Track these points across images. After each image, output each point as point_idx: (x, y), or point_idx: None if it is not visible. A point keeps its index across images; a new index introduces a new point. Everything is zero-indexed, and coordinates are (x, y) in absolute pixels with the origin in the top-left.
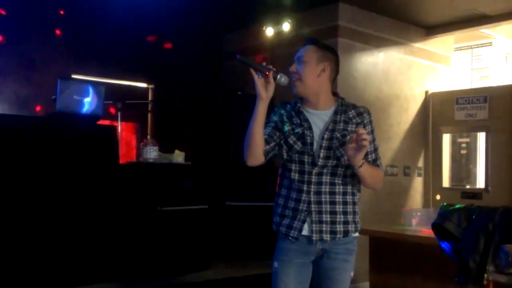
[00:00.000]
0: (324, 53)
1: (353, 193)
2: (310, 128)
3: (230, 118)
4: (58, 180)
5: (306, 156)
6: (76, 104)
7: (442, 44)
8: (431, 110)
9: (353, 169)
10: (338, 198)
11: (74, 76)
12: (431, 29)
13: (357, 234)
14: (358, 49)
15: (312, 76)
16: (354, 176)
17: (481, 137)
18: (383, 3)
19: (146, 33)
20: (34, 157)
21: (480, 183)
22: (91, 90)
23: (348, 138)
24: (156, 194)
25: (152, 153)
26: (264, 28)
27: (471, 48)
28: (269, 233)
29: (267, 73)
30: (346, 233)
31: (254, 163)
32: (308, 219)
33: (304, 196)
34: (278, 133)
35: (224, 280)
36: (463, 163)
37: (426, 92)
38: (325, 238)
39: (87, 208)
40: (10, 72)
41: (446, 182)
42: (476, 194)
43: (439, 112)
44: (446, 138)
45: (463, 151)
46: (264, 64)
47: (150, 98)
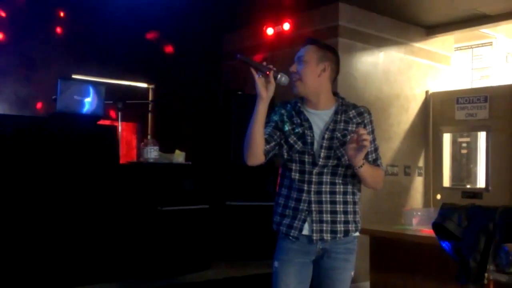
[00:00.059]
0: (324, 53)
1: (354, 193)
2: (310, 128)
3: (230, 118)
4: (59, 180)
5: (306, 156)
6: (76, 104)
7: (443, 44)
8: (431, 110)
9: (354, 169)
10: (339, 197)
11: (74, 76)
12: (432, 29)
13: (357, 233)
14: (358, 49)
15: (312, 76)
16: (355, 175)
17: (482, 136)
18: (383, 3)
19: (146, 33)
20: (35, 157)
21: (481, 182)
22: (91, 90)
23: (349, 138)
24: (156, 194)
25: (153, 153)
26: (264, 28)
27: (472, 47)
28: (270, 232)
29: (268, 72)
30: (346, 232)
31: (254, 163)
32: (308, 219)
33: (304, 195)
34: (278, 133)
35: (224, 280)
36: (463, 163)
37: (427, 92)
38: (325, 237)
39: (87, 208)
40: (10, 72)
41: (447, 181)
42: (476, 193)
43: (440, 111)
44: (447, 138)
45: (464, 151)
46: (265, 63)
47: (150, 98)
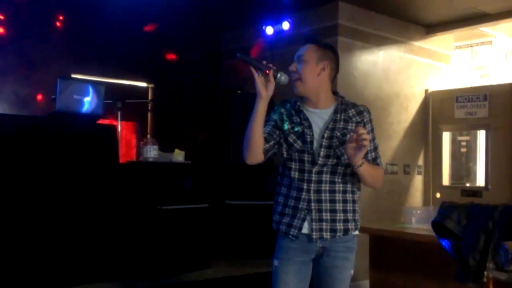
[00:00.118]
0: (324, 52)
1: (353, 191)
2: (310, 127)
3: (230, 117)
4: (58, 179)
5: (306, 155)
6: (76, 104)
7: (442, 42)
8: (431, 109)
9: (353, 168)
10: (338, 196)
11: (73, 76)
12: (431, 28)
13: (357, 232)
14: (358, 48)
15: (312, 75)
16: (354, 174)
17: (481, 135)
18: (383, 2)
19: (146, 33)
20: (34, 157)
21: (480, 181)
22: (91, 89)
23: (348, 137)
24: (156, 193)
25: (152, 152)
26: (264, 27)
27: (471, 46)
28: (269, 231)
29: (267, 71)
30: (346, 231)
31: (254, 162)
32: (308, 218)
33: (304, 194)
34: (278, 132)
35: (224, 279)
36: (463, 161)
37: (426, 91)
38: (325, 236)
39: (87, 207)
40: (10, 71)
41: (446, 180)
42: (476, 192)
43: (439, 110)
44: (446, 136)
45: (463, 149)
46: (264, 62)
47: (150, 97)
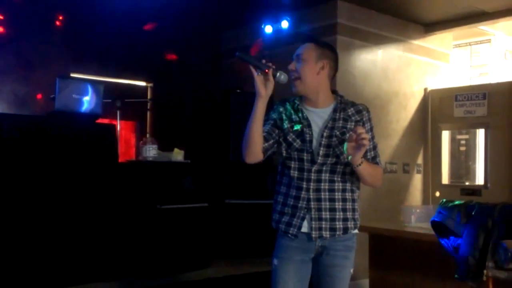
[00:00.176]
0: (323, 51)
1: (353, 190)
2: (309, 126)
3: (229, 116)
4: (58, 179)
5: (305, 154)
6: (75, 103)
7: (441, 41)
8: (430, 107)
9: (353, 167)
10: (337, 195)
11: (72, 75)
12: (430, 26)
13: (356, 231)
14: (357, 47)
15: (311, 74)
16: (353, 173)
17: (480, 133)
18: (382, 1)
19: (145, 32)
20: (33, 156)
21: (480, 179)
22: (90, 88)
23: (347, 136)
24: (155, 192)
25: (152, 151)
26: (263, 26)
27: (470, 45)
28: (269, 230)
29: (267, 70)
30: (345, 230)
31: (253, 161)
32: (307, 216)
33: (303, 193)
34: (277, 131)
35: (224, 278)
36: (462, 160)
37: (425, 89)
38: (324, 235)
39: (86, 206)
40: (9, 71)
41: (446, 179)
42: (475, 190)
43: (438, 109)
44: (445, 135)
45: (462, 148)
46: (264, 61)
47: (149, 96)
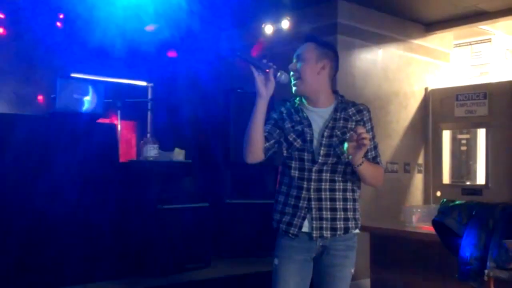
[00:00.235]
0: (323, 50)
1: (353, 190)
2: (310, 126)
3: (230, 116)
4: (58, 178)
5: (306, 154)
6: (75, 103)
7: (442, 40)
8: (430, 107)
9: (353, 167)
10: (338, 195)
11: (73, 75)
12: (430, 26)
13: (357, 230)
14: (357, 46)
15: (311, 74)
16: (354, 173)
17: (481, 133)
18: (382, 0)
19: (146, 32)
20: (34, 156)
21: (480, 179)
22: (90, 88)
23: (348, 135)
24: (156, 192)
25: (152, 151)
26: (263, 26)
27: (471, 44)
28: (270, 230)
29: (267, 70)
30: (346, 229)
31: (254, 161)
32: (308, 216)
33: (304, 193)
34: (278, 131)
35: (224, 278)
36: (463, 160)
37: (426, 89)
38: (325, 234)
39: (87, 206)
40: (10, 70)
41: (447, 178)
42: (476, 190)
43: (439, 108)
44: (446, 135)
45: (463, 148)
46: (264, 61)
47: (149, 96)
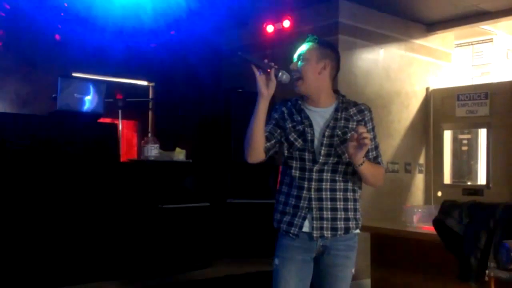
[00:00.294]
0: (324, 50)
1: (354, 190)
2: (311, 126)
3: (231, 116)
4: (59, 178)
5: (307, 153)
6: (76, 102)
7: (443, 40)
8: (432, 107)
9: (354, 167)
10: (339, 195)
11: (74, 74)
12: (432, 26)
13: (358, 230)
14: (358, 46)
15: (313, 74)
16: (355, 173)
17: (482, 133)
18: (384, 0)
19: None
20: (35, 156)
21: (481, 179)
22: (91, 88)
23: (349, 135)
24: (157, 192)
25: (153, 151)
26: (264, 25)
27: (472, 44)
28: (270, 230)
29: (269, 70)
30: (347, 229)
31: (255, 160)
32: (308, 216)
33: (304, 193)
34: (279, 131)
35: (225, 278)
36: (464, 160)
37: (427, 89)
38: (325, 234)
39: (88, 206)
40: (11, 70)
41: (448, 178)
42: (477, 190)
43: (440, 108)
44: (447, 135)
45: (464, 148)
46: (266, 61)
47: (150, 96)
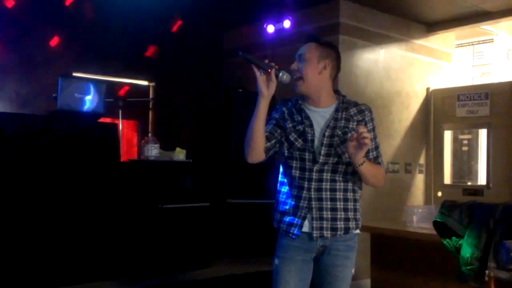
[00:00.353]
0: (325, 50)
1: (354, 190)
2: (311, 126)
3: (231, 116)
4: (60, 178)
5: (307, 153)
6: (77, 102)
7: (443, 40)
8: (432, 107)
9: (354, 167)
10: (339, 195)
11: (75, 74)
12: (432, 26)
13: (358, 231)
14: (359, 46)
15: (313, 74)
16: (355, 173)
17: (483, 133)
18: (384, 0)
19: (147, 31)
20: (36, 156)
21: (482, 179)
22: (92, 88)
23: (349, 135)
24: (157, 191)
25: (153, 150)
26: (265, 25)
27: (472, 44)
28: (270, 230)
29: (269, 70)
30: (347, 230)
31: (255, 160)
32: (308, 216)
33: (304, 193)
34: (279, 130)
35: (225, 278)
36: (464, 160)
37: (428, 89)
38: (325, 234)
39: (88, 206)
40: (11, 70)
41: (448, 179)
42: (477, 190)
43: (441, 108)
44: (448, 135)
45: (465, 148)
46: (266, 61)
47: (151, 95)
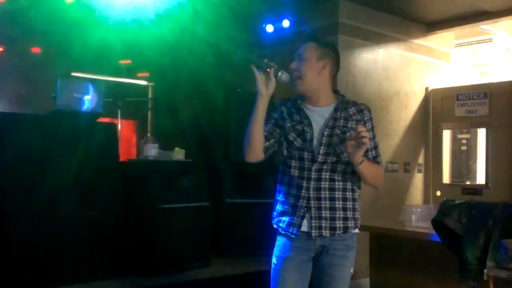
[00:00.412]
0: (324, 50)
1: (353, 190)
2: (310, 125)
3: (230, 115)
4: (59, 177)
5: (305, 153)
6: (76, 102)
7: (442, 40)
8: (431, 107)
9: (353, 166)
10: (338, 194)
11: (73, 74)
12: (431, 25)
13: (356, 230)
14: (358, 46)
15: (312, 73)
16: (354, 172)
17: (482, 133)
18: (383, 0)
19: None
20: (35, 155)
21: (481, 179)
22: (91, 87)
23: (348, 135)
24: (156, 191)
25: (152, 150)
26: (264, 25)
27: (471, 44)
28: (269, 229)
29: (268, 70)
30: (345, 229)
31: (254, 160)
32: (307, 215)
33: (303, 192)
34: (278, 130)
35: (224, 277)
36: (463, 159)
37: (426, 89)
38: (324, 234)
39: (87, 205)
40: (10, 70)
41: (447, 178)
42: (476, 190)
43: (440, 108)
44: (447, 134)
45: (464, 147)
46: (265, 61)
47: (150, 95)
